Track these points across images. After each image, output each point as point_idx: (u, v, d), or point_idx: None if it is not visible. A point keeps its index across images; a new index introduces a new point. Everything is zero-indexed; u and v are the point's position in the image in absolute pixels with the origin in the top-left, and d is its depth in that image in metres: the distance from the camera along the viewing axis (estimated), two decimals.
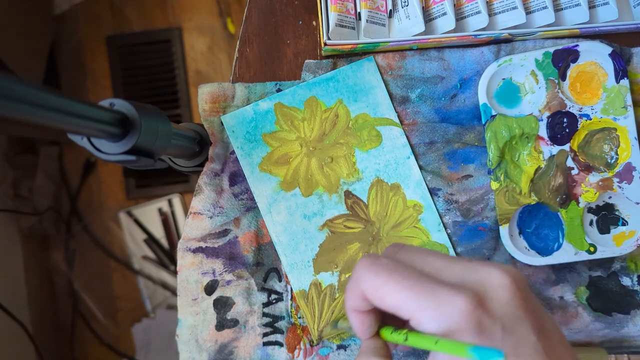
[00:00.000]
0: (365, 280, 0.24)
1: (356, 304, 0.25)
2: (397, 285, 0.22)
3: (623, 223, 0.45)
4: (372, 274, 0.23)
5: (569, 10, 0.45)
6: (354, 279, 0.25)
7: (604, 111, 0.45)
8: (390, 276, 0.23)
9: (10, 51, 1.07)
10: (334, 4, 0.43)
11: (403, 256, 0.25)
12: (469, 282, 0.22)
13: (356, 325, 0.26)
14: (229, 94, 0.46)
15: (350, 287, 0.25)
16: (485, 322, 0.21)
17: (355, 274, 0.25)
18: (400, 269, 0.23)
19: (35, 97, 0.23)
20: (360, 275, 0.24)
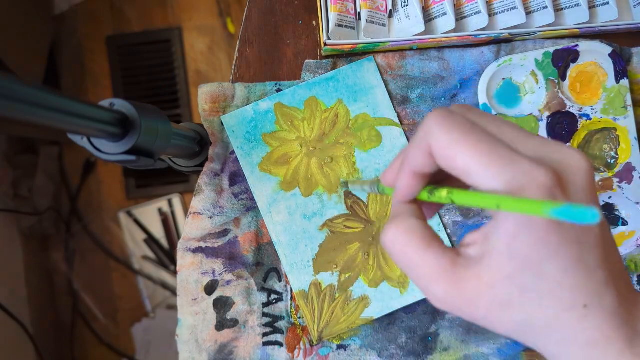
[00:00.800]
0: (437, 136, 0.21)
1: (418, 163, 0.22)
2: (472, 148, 0.20)
3: (623, 223, 0.45)
4: (445, 130, 0.20)
5: (569, 10, 0.45)
6: (422, 133, 0.22)
7: (604, 111, 0.45)
8: (466, 136, 0.20)
9: (10, 51, 1.07)
10: (334, 4, 0.43)
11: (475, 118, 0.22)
12: (548, 159, 0.20)
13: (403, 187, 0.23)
14: (229, 94, 0.46)
15: (416, 142, 0.22)
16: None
17: (424, 127, 0.21)
18: (476, 130, 0.20)
19: (35, 97, 0.23)
20: (431, 129, 0.21)
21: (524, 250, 0.20)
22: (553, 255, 0.20)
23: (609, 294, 0.20)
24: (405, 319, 0.46)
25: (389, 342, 0.45)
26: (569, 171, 0.20)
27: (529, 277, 0.20)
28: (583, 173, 0.20)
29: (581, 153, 0.21)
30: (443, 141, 0.21)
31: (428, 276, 0.22)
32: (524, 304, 0.20)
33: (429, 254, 0.22)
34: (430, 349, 0.45)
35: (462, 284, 0.21)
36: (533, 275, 0.20)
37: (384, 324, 0.46)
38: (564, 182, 0.20)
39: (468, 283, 0.21)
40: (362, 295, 0.45)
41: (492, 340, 0.45)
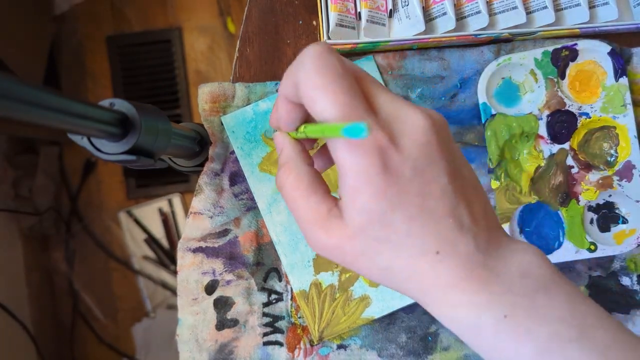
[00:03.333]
0: (306, 72, 0.21)
1: (289, 91, 0.23)
2: (333, 97, 0.20)
3: (623, 221, 0.45)
4: (316, 71, 0.21)
5: (569, 10, 0.45)
6: (297, 63, 0.22)
7: (604, 109, 0.45)
8: (332, 83, 0.21)
9: (10, 51, 1.07)
10: (334, 3, 0.43)
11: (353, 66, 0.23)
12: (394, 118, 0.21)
13: (282, 114, 0.25)
14: (229, 93, 0.46)
15: (290, 71, 0.23)
16: (395, 160, 0.20)
17: (300, 58, 0.22)
18: (344, 80, 0.21)
19: (35, 97, 0.23)
20: (304, 63, 0.21)
21: (366, 204, 0.21)
22: (396, 206, 0.21)
23: (463, 239, 0.21)
24: (405, 318, 0.46)
25: (389, 342, 0.45)
26: (408, 130, 0.21)
27: (379, 229, 0.21)
28: (422, 131, 0.21)
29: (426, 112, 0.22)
30: (310, 80, 0.21)
31: (307, 221, 0.23)
32: (381, 252, 0.22)
33: (311, 200, 0.23)
34: (430, 349, 0.45)
35: (332, 232, 0.22)
36: (382, 226, 0.21)
37: (384, 324, 0.46)
38: (398, 139, 0.21)
39: (336, 232, 0.22)
40: (363, 295, 0.45)
41: None
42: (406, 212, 0.21)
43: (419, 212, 0.21)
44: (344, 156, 0.21)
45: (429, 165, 0.21)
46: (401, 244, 0.21)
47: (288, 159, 0.25)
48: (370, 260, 0.22)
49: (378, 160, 0.20)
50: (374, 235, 0.21)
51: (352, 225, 0.22)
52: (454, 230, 0.21)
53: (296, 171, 0.24)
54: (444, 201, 0.21)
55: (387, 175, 0.20)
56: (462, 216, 0.22)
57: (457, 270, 0.21)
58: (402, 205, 0.21)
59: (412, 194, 0.21)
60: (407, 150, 0.21)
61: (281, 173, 0.24)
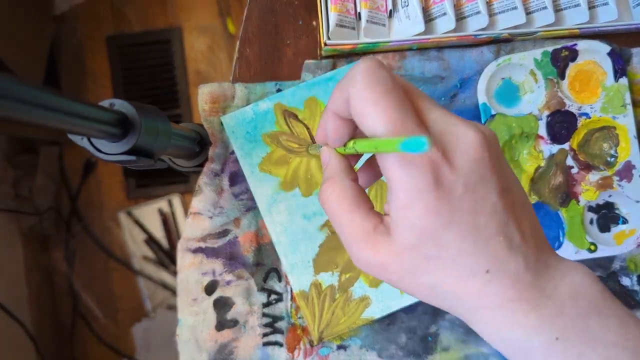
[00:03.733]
0: (358, 87, 0.21)
1: (338, 106, 0.23)
2: (384, 112, 0.20)
3: (623, 221, 0.45)
4: (367, 85, 0.21)
5: (568, 11, 0.45)
6: (347, 78, 0.22)
7: (603, 110, 0.45)
8: (383, 98, 0.20)
9: (10, 51, 1.07)
10: (334, 4, 0.43)
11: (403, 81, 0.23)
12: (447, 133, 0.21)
13: (331, 130, 0.24)
14: (229, 94, 0.46)
15: (340, 85, 0.23)
16: (447, 176, 0.20)
17: (351, 73, 0.22)
18: (394, 95, 0.21)
19: (35, 97, 0.23)
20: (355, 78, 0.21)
21: (417, 221, 0.21)
22: (447, 224, 0.20)
23: (513, 259, 0.21)
24: (405, 319, 0.46)
25: (389, 342, 0.45)
26: (458, 144, 0.21)
27: (430, 247, 0.21)
28: (475, 147, 0.21)
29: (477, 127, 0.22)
30: (361, 95, 0.21)
31: (352, 237, 0.23)
32: (431, 271, 0.21)
33: (355, 216, 0.23)
34: (430, 349, 0.45)
35: (378, 249, 0.22)
36: (433, 244, 0.21)
37: (384, 324, 0.46)
38: (450, 155, 0.21)
39: (382, 249, 0.22)
40: (363, 295, 0.45)
41: None
42: (457, 230, 0.21)
43: (470, 230, 0.21)
44: (395, 171, 0.20)
45: (481, 182, 0.21)
46: (451, 262, 0.21)
47: (333, 174, 0.25)
48: (417, 278, 0.22)
49: (431, 176, 0.20)
50: (423, 253, 0.21)
51: (401, 242, 0.21)
52: (504, 249, 0.21)
53: (341, 186, 0.24)
54: (494, 219, 0.21)
55: (440, 191, 0.20)
56: (512, 234, 0.21)
57: (507, 291, 0.21)
58: (453, 223, 0.20)
59: (463, 211, 0.21)
60: (459, 166, 0.21)
61: (325, 187, 0.24)
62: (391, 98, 0.21)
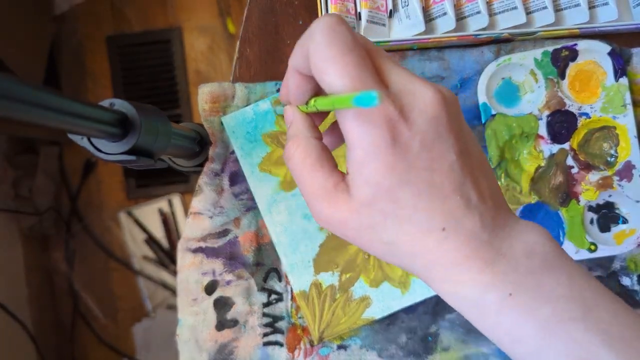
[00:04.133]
0: (317, 44, 0.21)
1: (299, 63, 0.23)
2: (343, 69, 0.20)
3: (623, 221, 0.45)
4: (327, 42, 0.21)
5: (568, 11, 0.45)
6: (308, 34, 0.22)
7: (603, 110, 0.45)
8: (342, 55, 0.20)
9: (11, 51, 1.07)
10: (334, 3, 0.43)
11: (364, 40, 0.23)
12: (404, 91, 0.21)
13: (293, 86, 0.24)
14: (229, 93, 0.46)
15: (300, 42, 0.23)
16: (404, 134, 0.20)
17: (311, 29, 0.22)
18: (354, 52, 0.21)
19: (35, 97, 0.23)
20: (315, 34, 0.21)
21: (374, 177, 0.21)
22: (404, 180, 0.21)
23: (470, 217, 0.21)
24: (406, 319, 0.46)
25: (389, 342, 0.45)
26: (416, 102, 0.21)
27: (386, 203, 0.21)
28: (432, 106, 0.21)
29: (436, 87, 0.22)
30: (320, 52, 0.21)
31: (313, 194, 0.23)
32: (387, 227, 0.22)
33: (318, 174, 0.23)
34: (431, 349, 0.45)
35: (337, 206, 0.22)
36: (389, 200, 0.21)
37: (384, 324, 0.46)
38: (407, 113, 0.21)
39: (341, 205, 0.22)
40: (363, 295, 0.45)
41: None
42: (414, 187, 0.21)
43: (427, 187, 0.21)
44: (353, 128, 0.21)
45: (438, 140, 0.21)
46: (407, 219, 0.21)
47: (297, 132, 0.25)
48: (374, 234, 0.22)
49: (387, 133, 0.20)
50: (380, 209, 0.21)
51: (358, 198, 0.21)
52: (460, 208, 0.21)
53: (304, 144, 0.24)
54: (451, 177, 0.21)
55: (396, 148, 0.20)
56: (469, 193, 0.21)
57: (462, 248, 0.21)
58: (410, 180, 0.21)
59: (420, 168, 0.21)
60: (416, 123, 0.21)
61: (289, 145, 0.24)
62: (351, 56, 0.21)
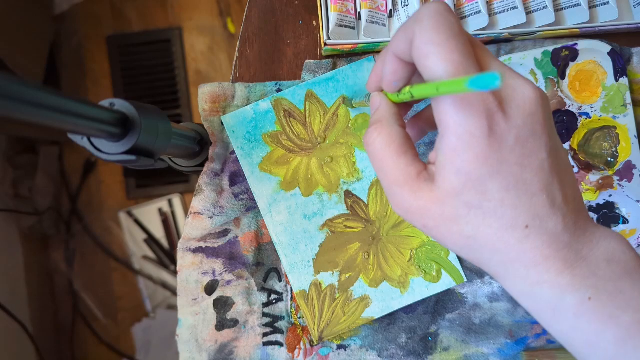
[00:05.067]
0: (424, 28, 0.21)
1: (400, 47, 0.23)
2: (447, 54, 0.20)
3: (624, 221, 0.45)
4: (434, 26, 0.21)
5: (569, 10, 0.45)
6: (413, 19, 0.22)
7: (604, 109, 0.45)
8: (448, 41, 0.20)
9: (10, 51, 1.07)
10: (334, 3, 0.43)
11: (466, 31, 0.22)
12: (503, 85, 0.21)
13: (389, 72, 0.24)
14: (229, 93, 0.46)
15: (404, 27, 0.22)
16: (501, 126, 0.20)
17: (418, 14, 0.22)
18: (460, 39, 0.20)
19: (35, 97, 0.23)
20: (422, 19, 0.21)
21: (466, 166, 0.21)
22: (495, 173, 0.20)
23: (553, 217, 0.21)
24: (406, 318, 0.46)
25: (389, 342, 0.45)
26: (515, 97, 0.21)
27: (473, 194, 0.21)
28: (531, 102, 0.21)
29: (534, 85, 0.22)
30: (426, 36, 0.21)
31: (394, 180, 0.23)
32: (470, 220, 0.21)
33: (401, 161, 0.23)
34: (431, 349, 0.45)
35: (419, 194, 0.22)
36: (477, 192, 0.21)
37: (384, 324, 0.46)
38: (505, 105, 0.21)
39: (424, 194, 0.22)
40: (363, 295, 0.45)
41: (492, 340, 0.45)
42: (503, 181, 0.21)
43: (516, 182, 0.21)
44: (450, 115, 0.20)
45: (532, 136, 0.21)
46: (492, 213, 0.21)
47: (381, 118, 0.24)
48: (455, 226, 0.22)
49: (485, 123, 0.20)
50: (466, 200, 0.21)
51: (445, 187, 0.21)
52: (545, 207, 0.21)
53: (388, 130, 0.23)
54: (540, 175, 0.21)
55: (492, 139, 0.20)
56: (555, 194, 0.21)
57: (543, 248, 0.21)
58: (500, 174, 0.20)
59: (512, 163, 0.21)
60: (513, 117, 0.21)
61: (372, 130, 0.24)
62: (456, 42, 0.20)
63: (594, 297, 0.21)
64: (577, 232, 0.22)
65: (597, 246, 0.22)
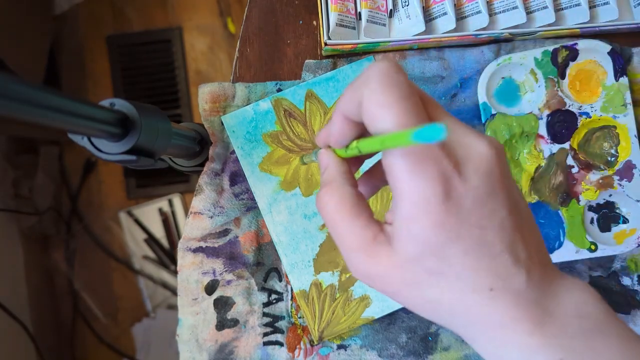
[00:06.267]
0: (373, 90, 0.20)
1: (348, 107, 0.22)
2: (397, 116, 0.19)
3: (624, 221, 0.45)
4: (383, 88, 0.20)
5: (569, 10, 0.45)
6: (362, 80, 0.21)
7: (604, 109, 0.45)
8: (399, 102, 0.20)
9: (11, 51, 1.07)
10: (334, 3, 0.43)
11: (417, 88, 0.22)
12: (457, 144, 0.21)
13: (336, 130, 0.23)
14: (229, 93, 0.46)
15: (352, 87, 0.22)
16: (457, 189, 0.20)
17: (366, 74, 0.21)
18: (412, 99, 0.20)
19: (35, 97, 0.23)
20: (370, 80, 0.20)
21: (423, 234, 0.20)
22: (454, 238, 0.20)
23: (517, 276, 0.20)
24: (406, 318, 0.46)
25: (389, 342, 0.45)
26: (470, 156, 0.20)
27: (433, 261, 0.20)
28: (487, 160, 0.20)
29: (488, 141, 0.21)
30: (375, 98, 0.20)
31: (350, 245, 0.22)
32: (431, 285, 0.21)
33: (355, 225, 0.22)
34: (431, 349, 0.45)
35: (377, 260, 0.21)
36: (436, 258, 0.20)
37: (384, 324, 0.46)
38: (461, 166, 0.20)
39: (381, 260, 0.21)
40: (363, 295, 0.45)
41: None
42: (463, 245, 0.20)
43: (476, 245, 0.20)
44: (404, 180, 0.20)
45: (491, 196, 0.20)
46: (454, 277, 0.20)
47: (331, 179, 0.24)
48: (417, 291, 0.21)
49: (440, 188, 0.19)
50: (426, 266, 0.20)
51: (403, 253, 0.21)
52: (509, 266, 0.20)
53: (340, 192, 0.23)
54: (502, 235, 0.20)
55: (449, 204, 0.19)
56: (518, 251, 0.21)
57: (510, 309, 0.20)
58: (460, 238, 0.20)
59: (471, 225, 0.20)
60: (470, 179, 0.20)
61: (323, 193, 0.23)
62: (406, 103, 0.20)
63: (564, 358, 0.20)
64: (544, 287, 0.21)
65: (566, 300, 0.21)
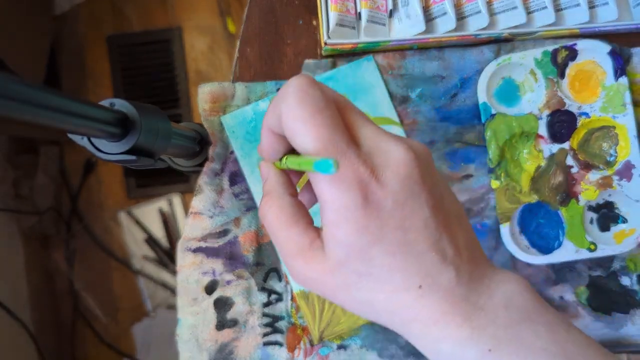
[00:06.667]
0: (289, 105, 0.21)
1: (272, 123, 0.23)
2: (314, 131, 0.20)
3: (623, 221, 0.45)
4: (298, 104, 0.21)
5: (569, 11, 0.45)
6: (280, 95, 0.22)
7: (603, 109, 0.45)
8: (315, 115, 0.21)
9: (11, 51, 1.07)
10: (334, 3, 0.43)
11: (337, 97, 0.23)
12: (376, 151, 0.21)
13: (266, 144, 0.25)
14: (229, 93, 0.46)
15: (274, 102, 0.23)
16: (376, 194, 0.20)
17: (283, 91, 0.22)
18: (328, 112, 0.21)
19: (35, 97, 0.23)
20: (287, 95, 0.21)
21: (346, 238, 0.21)
22: (376, 240, 0.21)
23: (445, 273, 0.21)
24: None
25: (390, 342, 0.45)
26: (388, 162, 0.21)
27: (360, 263, 0.21)
28: (405, 165, 0.21)
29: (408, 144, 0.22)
30: (291, 113, 0.21)
31: (288, 252, 0.23)
32: (362, 287, 0.22)
33: (292, 232, 0.23)
34: None
35: (312, 265, 0.22)
36: (362, 260, 0.21)
37: None
38: (379, 172, 0.21)
39: (317, 265, 0.22)
40: None
41: None
42: (387, 247, 0.21)
43: (400, 246, 0.21)
44: (324, 189, 0.21)
45: (410, 198, 0.21)
46: (382, 278, 0.21)
47: (271, 189, 0.25)
48: (350, 293, 0.22)
49: (359, 194, 0.20)
50: (354, 269, 0.21)
51: (332, 258, 0.21)
52: (435, 264, 0.21)
53: (279, 201, 0.24)
54: (425, 234, 0.21)
55: (368, 209, 0.20)
56: (445, 249, 0.21)
57: (440, 304, 0.21)
58: (383, 240, 0.21)
59: (393, 227, 0.21)
60: (388, 183, 0.21)
61: (263, 202, 0.24)
62: (321, 117, 0.21)
63: (494, 348, 0.21)
64: (473, 282, 0.22)
65: (495, 292, 0.22)
